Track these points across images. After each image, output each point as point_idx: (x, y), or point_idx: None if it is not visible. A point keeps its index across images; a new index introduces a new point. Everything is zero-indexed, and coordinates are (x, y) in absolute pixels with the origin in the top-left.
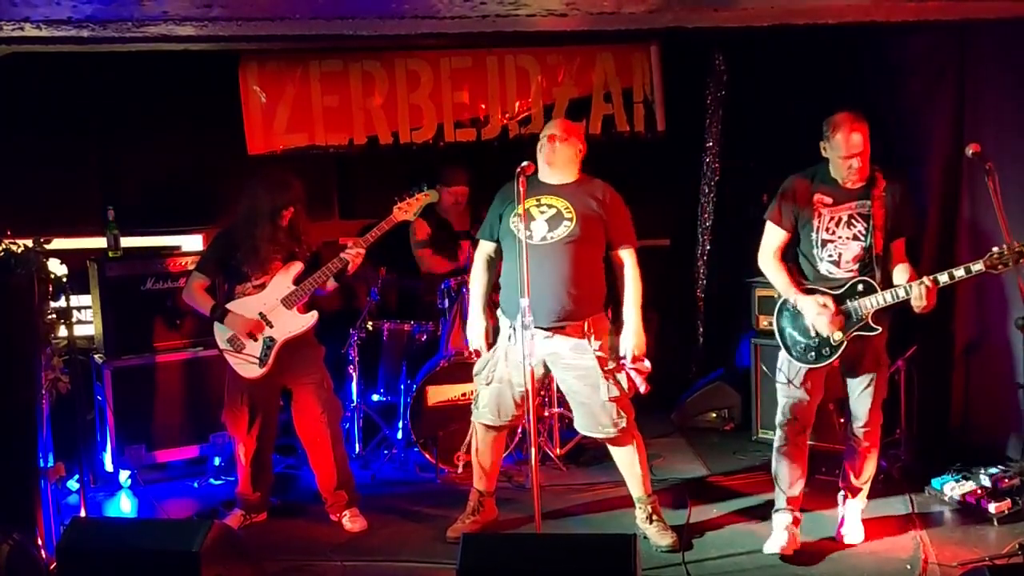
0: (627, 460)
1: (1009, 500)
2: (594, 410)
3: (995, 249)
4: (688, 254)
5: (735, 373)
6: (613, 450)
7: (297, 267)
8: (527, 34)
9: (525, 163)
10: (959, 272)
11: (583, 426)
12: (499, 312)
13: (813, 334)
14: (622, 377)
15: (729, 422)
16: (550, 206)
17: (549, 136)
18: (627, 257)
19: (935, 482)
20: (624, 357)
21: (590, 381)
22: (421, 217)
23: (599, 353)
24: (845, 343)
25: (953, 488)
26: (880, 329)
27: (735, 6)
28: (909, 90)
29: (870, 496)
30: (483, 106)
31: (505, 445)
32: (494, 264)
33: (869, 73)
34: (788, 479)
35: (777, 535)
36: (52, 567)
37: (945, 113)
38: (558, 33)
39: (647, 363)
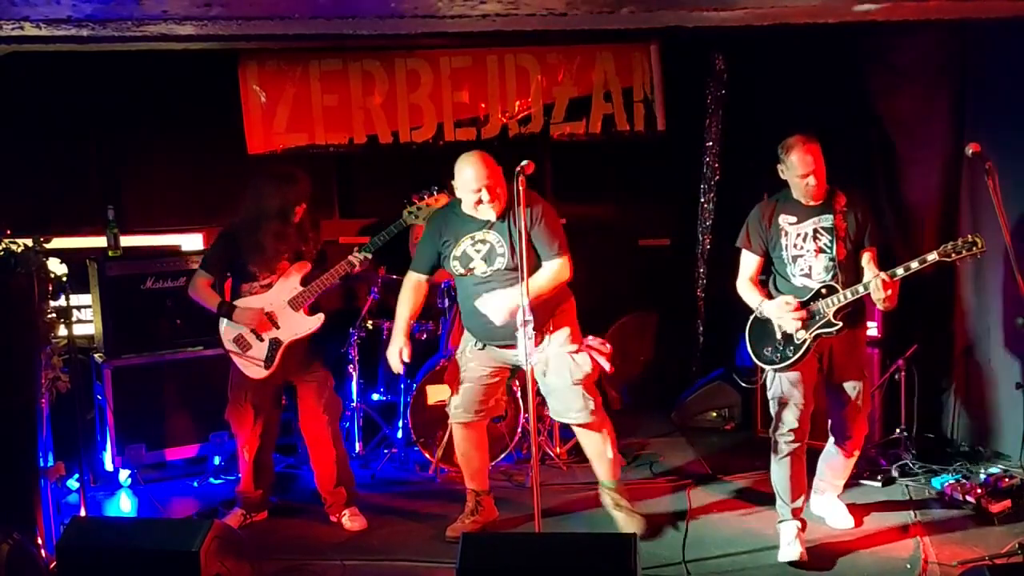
0: (597, 446)
1: (1009, 500)
2: (565, 395)
3: (951, 242)
4: (688, 254)
5: (735, 372)
6: (583, 435)
7: (304, 267)
8: (527, 33)
9: (525, 162)
10: (914, 264)
11: (557, 412)
12: (466, 332)
13: (778, 336)
14: (581, 358)
15: (729, 421)
16: (483, 242)
17: (486, 189)
18: (551, 265)
19: (935, 482)
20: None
21: (554, 366)
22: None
23: (559, 340)
24: (808, 341)
25: (953, 488)
26: (840, 324)
27: (735, 6)
28: (909, 90)
29: (871, 497)
30: (483, 105)
31: (488, 441)
32: (420, 292)
33: (869, 73)
34: (790, 491)
35: (792, 545)
36: (52, 566)
37: (945, 113)
38: (558, 32)
39: (607, 344)
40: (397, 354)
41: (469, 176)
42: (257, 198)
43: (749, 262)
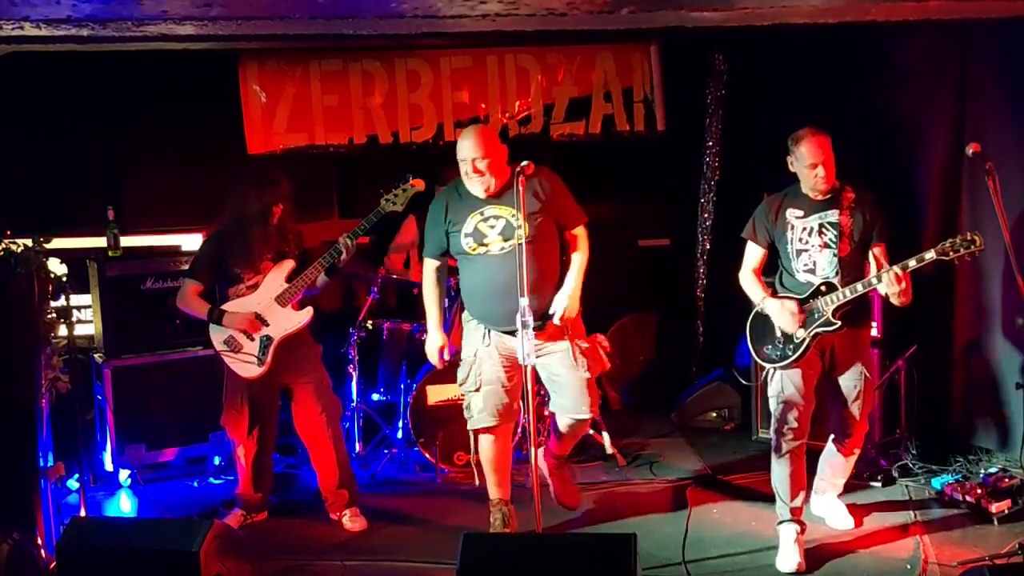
0: (577, 433)
1: (1009, 500)
2: (578, 390)
3: (949, 240)
4: (688, 254)
5: (735, 373)
6: (577, 425)
7: (289, 265)
8: (527, 33)
9: (524, 163)
10: (912, 262)
11: (566, 408)
12: (467, 319)
13: (778, 334)
14: (600, 354)
15: (729, 422)
16: (497, 217)
17: (472, 163)
18: (580, 232)
19: (935, 482)
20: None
21: (569, 361)
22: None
23: (577, 334)
24: (807, 340)
25: (953, 488)
26: (839, 323)
27: (735, 6)
28: (909, 90)
29: (871, 497)
30: (483, 105)
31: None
32: (443, 277)
33: (869, 73)
34: (789, 490)
35: (791, 552)
36: (52, 566)
37: (945, 113)
38: (558, 32)
39: (605, 340)
40: (437, 351)
41: (460, 147)
42: (238, 202)
43: (753, 254)
